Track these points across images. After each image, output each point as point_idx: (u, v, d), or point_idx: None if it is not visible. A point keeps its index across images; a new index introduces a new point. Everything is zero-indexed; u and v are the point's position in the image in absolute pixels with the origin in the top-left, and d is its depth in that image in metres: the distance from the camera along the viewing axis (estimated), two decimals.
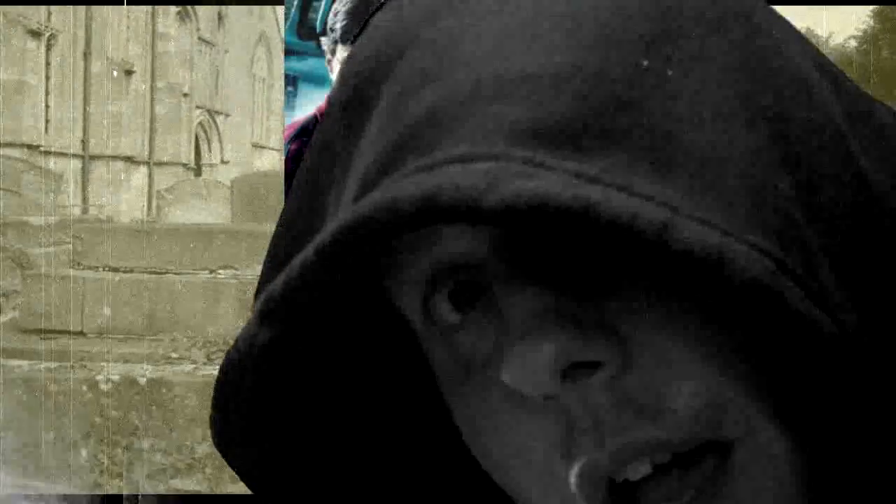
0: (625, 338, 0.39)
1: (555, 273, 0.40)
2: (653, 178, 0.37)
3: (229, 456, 0.46)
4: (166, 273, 7.85)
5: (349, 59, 0.46)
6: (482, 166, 0.36)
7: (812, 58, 0.44)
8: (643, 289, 0.39)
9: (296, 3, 2.88)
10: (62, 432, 5.94)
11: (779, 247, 0.37)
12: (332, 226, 0.38)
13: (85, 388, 6.05)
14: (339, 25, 2.78)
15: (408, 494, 0.51)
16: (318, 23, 2.88)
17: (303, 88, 2.94)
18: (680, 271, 0.36)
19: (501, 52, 0.40)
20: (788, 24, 0.46)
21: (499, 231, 0.41)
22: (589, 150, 0.37)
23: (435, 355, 0.45)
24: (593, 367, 0.39)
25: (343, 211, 0.42)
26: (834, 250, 0.39)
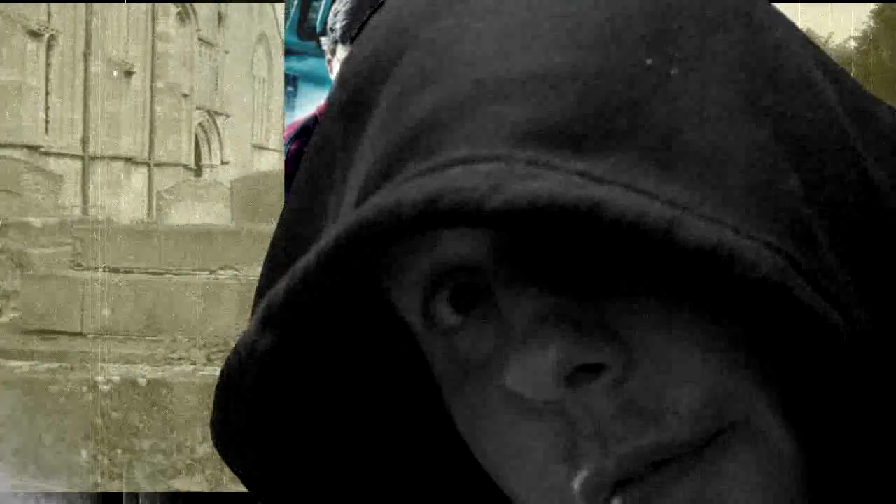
0: (627, 339, 0.39)
1: (556, 275, 0.40)
2: (658, 177, 0.36)
3: (230, 459, 0.46)
4: (166, 274, 7.85)
5: (348, 60, 0.46)
6: (485, 168, 0.36)
7: (814, 56, 0.44)
8: (644, 290, 0.39)
9: (296, 3, 2.88)
10: (62, 433, 5.94)
11: (789, 243, 0.36)
12: (334, 231, 0.38)
13: (85, 388, 6.04)
14: (339, 25, 2.78)
15: (408, 496, 0.51)
16: (318, 23, 2.88)
17: (303, 88, 2.94)
18: (684, 270, 0.36)
19: (502, 53, 0.39)
20: (790, 22, 0.45)
21: (500, 233, 0.40)
22: (593, 150, 0.37)
23: (435, 357, 0.45)
24: (596, 370, 0.38)
25: (344, 215, 0.42)
26: (842, 248, 0.39)
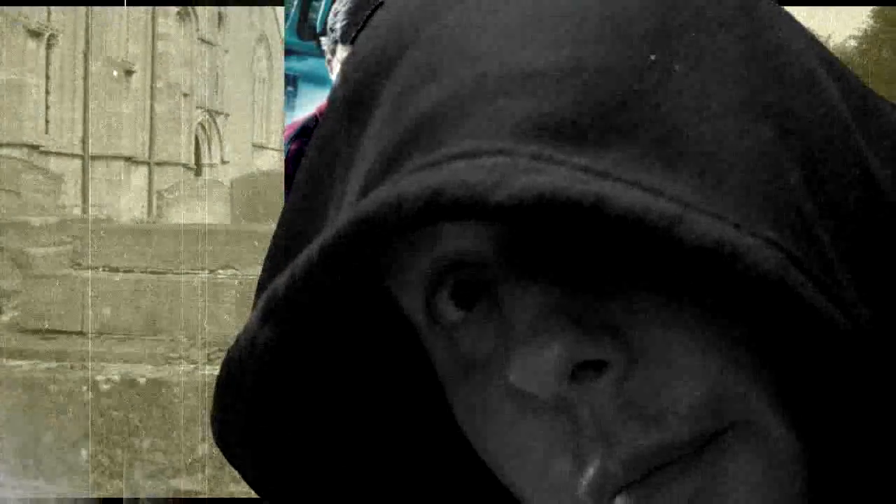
0: (630, 337, 0.38)
1: (560, 271, 0.40)
2: (662, 173, 0.36)
3: (230, 455, 0.46)
4: (166, 273, 7.85)
5: (350, 57, 0.46)
6: (489, 162, 0.36)
7: (817, 53, 0.44)
8: (647, 287, 0.39)
9: (296, 3, 2.88)
10: (62, 432, 5.94)
11: (791, 240, 0.36)
12: (336, 224, 0.37)
13: (85, 388, 6.04)
14: (339, 25, 2.78)
15: (411, 493, 0.51)
16: (318, 23, 2.88)
17: (303, 88, 2.94)
18: (687, 267, 0.36)
19: (506, 48, 0.39)
20: (793, 19, 0.45)
21: (503, 228, 0.40)
22: (597, 145, 0.37)
23: (437, 353, 0.45)
24: (599, 366, 0.38)
25: (346, 209, 0.42)
26: (844, 246, 0.39)
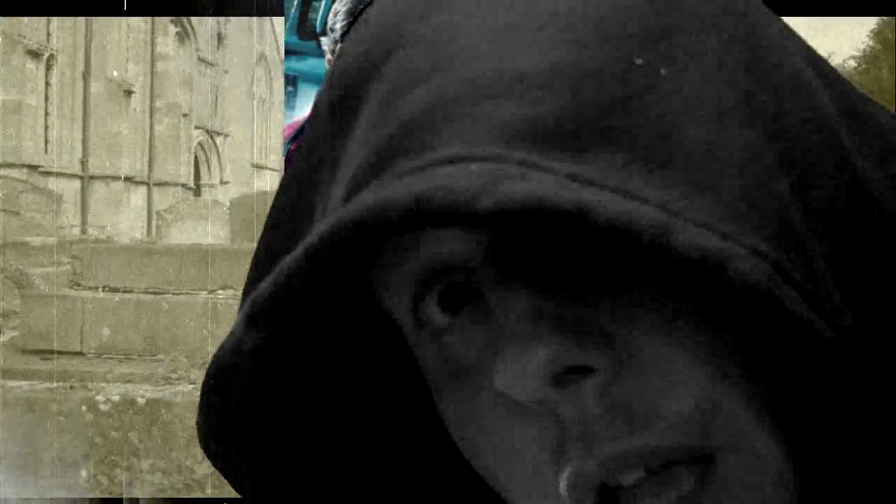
0: (617, 341, 0.38)
1: (547, 276, 0.39)
2: (649, 178, 0.36)
3: (216, 461, 0.45)
4: (166, 293, 7.85)
5: (338, 58, 0.45)
6: (475, 168, 0.35)
7: (807, 57, 0.44)
8: (636, 292, 0.39)
9: (296, 3, 2.88)
10: (62, 452, 5.92)
11: (777, 250, 0.36)
12: (320, 228, 0.37)
13: (84, 408, 6.03)
14: (339, 25, 2.78)
15: (403, 495, 0.50)
16: (318, 23, 2.88)
17: (303, 88, 2.94)
18: (675, 274, 0.36)
19: (494, 51, 0.39)
20: (784, 23, 0.45)
21: (490, 233, 0.40)
22: (584, 151, 0.36)
23: (424, 358, 0.44)
24: (586, 371, 0.38)
25: (332, 213, 0.41)
26: (830, 252, 0.38)
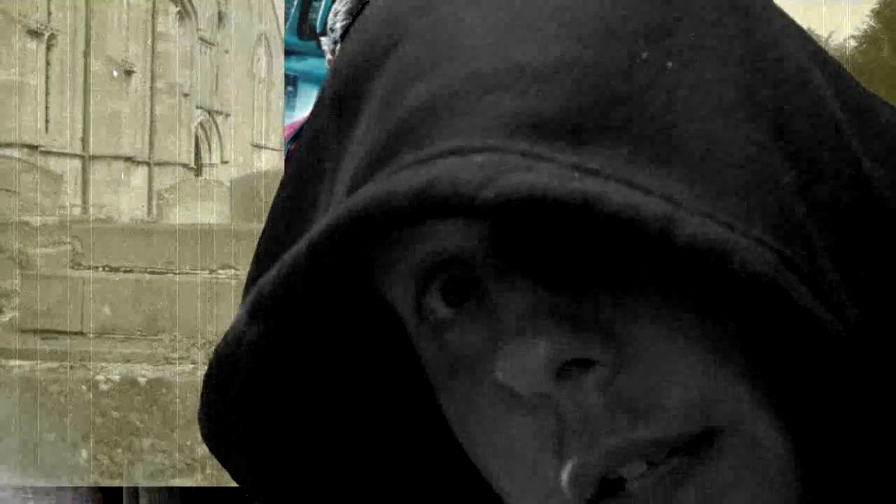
0: (619, 335, 0.38)
1: (549, 269, 0.39)
2: (653, 171, 0.36)
3: (218, 452, 0.46)
4: (166, 273, 7.85)
5: (340, 52, 0.46)
6: (478, 159, 0.35)
7: (811, 52, 0.44)
8: (638, 284, 0.39)
9: (296, 3, 2.88)
10: (62, 432, 5.94)
11: (782, 241, 0.36)
12: (324, 220, 0.37)
13: (85, 388, 6.04)
14: (339, 25, 2.78)
15: (402, 491, 0.50)
16: (318, 23, 2.88)
17: (303, 88, 2.95)
18: (678, 266, 0.36)
19: (498, 43, 0.39)
20: (788, 17, 0.45)
21: (493, 226, 0.40)
22: (588, 143, 0.36)
23: (426, 351, 0.44)
24: (587, 364, 0.38)
25: (335, 205, 0.42)
26: (835, 247, 0.39)
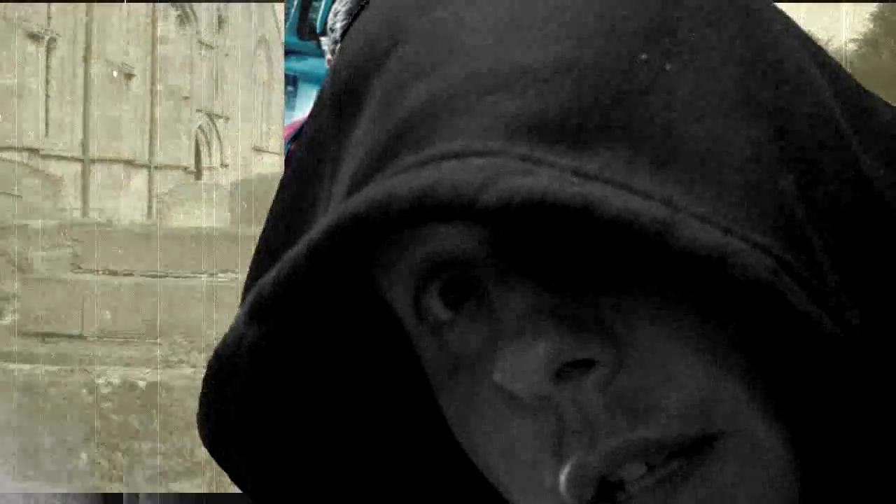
0: (619, 336, 0.38)
1: (549, 270, 0.39)
2: (652, 174, 0.36)
3: (217, 454, 0.45)
4: (166, 276, 7.85)
5: (340, 53, 0.45)
6: (478, 162, 0.35)
7: (811, 53, 0.44)
8: (638, 286, 0.39)
9: (296, 3, 2.89)
10: (62, 436, 5.94)
11: (781, 245, 0.36)
12: (324, 222, 0.37)
13: (85, 391, 6.04)
14: (339, 25, 2.78)
15: (404, 491, 0.50)
16: (318, 23, 2.89)
17: (303, 88, 2.95)
18: (678, 269, 0.36)
19: (498, 44, 0.39)
20: (788, 18, 0.45)
21: (492, 228, 0.40)
22: (587, 145, 0.36)
23: (425, 352, 0.44)
24: (586, 366, 0.38)
25: (335, 207, 0.42)
26: (834, 249, 0.38)
